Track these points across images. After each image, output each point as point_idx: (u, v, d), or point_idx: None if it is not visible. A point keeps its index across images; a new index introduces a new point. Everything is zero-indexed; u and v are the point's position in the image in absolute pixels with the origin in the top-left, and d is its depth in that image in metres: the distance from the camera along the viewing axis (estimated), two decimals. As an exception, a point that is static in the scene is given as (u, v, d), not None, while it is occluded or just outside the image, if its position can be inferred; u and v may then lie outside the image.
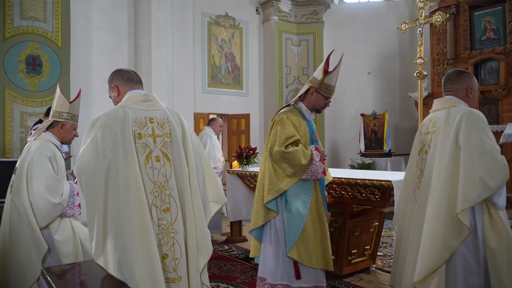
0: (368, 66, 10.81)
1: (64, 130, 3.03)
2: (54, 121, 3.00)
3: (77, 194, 2.94)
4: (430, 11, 8.46)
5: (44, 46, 6.61)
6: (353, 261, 4.10)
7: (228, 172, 5.30)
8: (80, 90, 3.18)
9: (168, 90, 8.21)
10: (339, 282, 3.96)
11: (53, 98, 3.16)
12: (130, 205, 2.01)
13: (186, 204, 2.18)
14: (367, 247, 4.22)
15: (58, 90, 3.06)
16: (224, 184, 7.36)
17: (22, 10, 6.44)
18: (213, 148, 6.11)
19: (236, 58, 10.03)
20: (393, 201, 3.35)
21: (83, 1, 7.44)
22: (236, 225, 5.67)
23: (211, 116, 10.31)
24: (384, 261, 4.66)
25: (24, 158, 2.87)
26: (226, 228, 6.33)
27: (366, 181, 3.54)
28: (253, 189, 4.99)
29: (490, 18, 8.26)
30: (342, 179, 3.73)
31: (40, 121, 5.62)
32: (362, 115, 9.94)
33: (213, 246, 5.37)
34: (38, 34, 6.57)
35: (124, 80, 2.33)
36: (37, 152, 2.83)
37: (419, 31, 3.08)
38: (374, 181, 3.48)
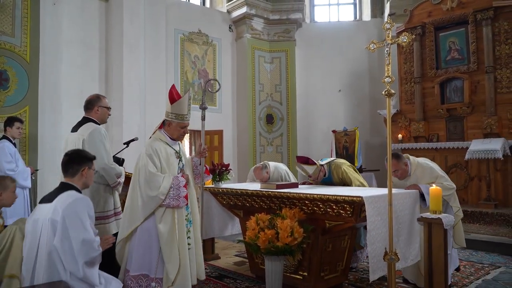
0: (339, 84, 11.05)
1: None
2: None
3: (184, 186, 3.38)
4: (397, 31, 8.75)
5: (11, 61, 6.46)
6: (326, 277, 4.11)
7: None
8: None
9: (140, 106, 8.12)
10: (312, 298, 3.96)
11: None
12: None
13: None
14: (339, 263, 4.24)
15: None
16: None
17: (-11, 24, 6.29)
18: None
19: (209, 74, 10.06)
20: (365, 216, 3.40)
21: (53, 15, 7.30)
22: (209, 243, 5.58)
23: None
24: (357, 276, 4.69)
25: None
26: (199, 246, 6.23)
27: (338, 197, 3.58)
28: (225, 205, 4.96)
29: (454, 39, 8.61)
30: (314, 195, 3.76)
31: (4, 137, 5.36)
32: (334, 131, 10.10)
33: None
34: (6, 48, 6.42)
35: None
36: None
37: (387, 51, 3.18)
38: (345, 197, 3.52)
